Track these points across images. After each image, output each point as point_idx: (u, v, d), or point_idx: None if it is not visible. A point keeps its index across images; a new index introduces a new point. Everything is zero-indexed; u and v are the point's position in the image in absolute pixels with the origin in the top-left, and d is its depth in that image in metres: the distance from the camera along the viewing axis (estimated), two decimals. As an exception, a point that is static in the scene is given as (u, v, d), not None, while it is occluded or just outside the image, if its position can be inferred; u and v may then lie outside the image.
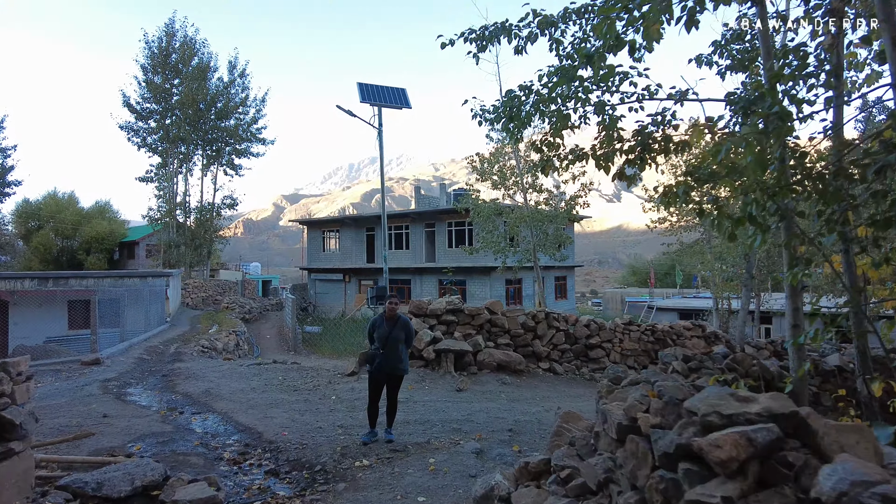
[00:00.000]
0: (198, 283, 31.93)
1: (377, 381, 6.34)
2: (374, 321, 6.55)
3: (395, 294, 6.97)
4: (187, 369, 11.65)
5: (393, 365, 6.32)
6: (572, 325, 11.47)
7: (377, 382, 6.35)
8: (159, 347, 15.17)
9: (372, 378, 6.38)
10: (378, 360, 6.28)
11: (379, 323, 6.42)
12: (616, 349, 11.59)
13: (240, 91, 36.50)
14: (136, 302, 17.09)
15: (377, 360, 6.29)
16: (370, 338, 6.58)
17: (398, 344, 6.35)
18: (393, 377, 6.39)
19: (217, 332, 18.69)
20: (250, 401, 8.53)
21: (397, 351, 6.34)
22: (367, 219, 36.71)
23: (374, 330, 6.41)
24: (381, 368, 6.28)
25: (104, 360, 12.06)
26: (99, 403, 8.21)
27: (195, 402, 8.61)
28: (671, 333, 12.12)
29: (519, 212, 16.11)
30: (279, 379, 10.34)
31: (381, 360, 6.26)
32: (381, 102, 11.68)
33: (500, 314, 10.78)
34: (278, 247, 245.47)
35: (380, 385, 6.37)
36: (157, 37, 33.99)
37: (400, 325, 6.40)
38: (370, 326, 6.56)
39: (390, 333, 6.29)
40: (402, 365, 6.43)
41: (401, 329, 6.39)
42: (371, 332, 6.50)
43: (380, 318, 6.48)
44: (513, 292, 31.56)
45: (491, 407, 8.13)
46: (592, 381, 10.79)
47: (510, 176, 15.92)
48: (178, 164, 34.66)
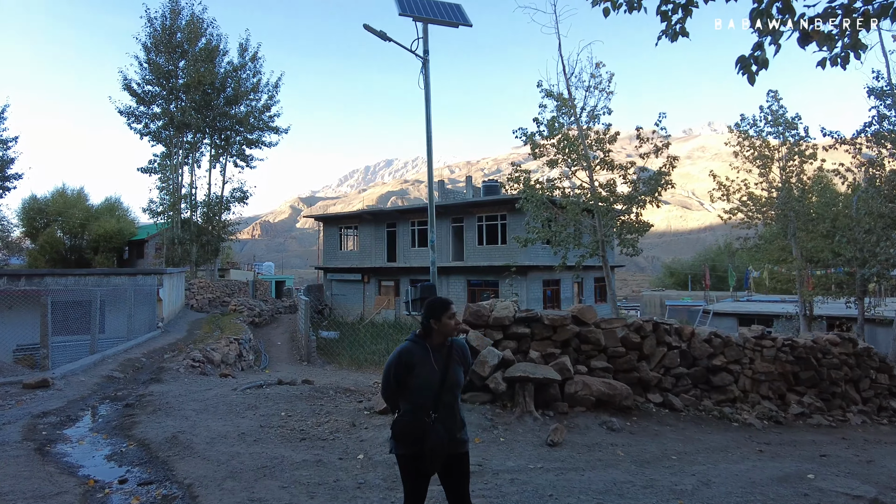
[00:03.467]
0: (204, 283, 29.20)
1: (423, 472, 3.11)
2: (406, 354, 3.18)
3: (446, 300, 3.32)
4: (162, 395, 8.69)
5: (451, 436, 3.15)
6: (687, 341, 8.28)
7: (422, 475, 3.13)
8: (140, 360, 12.27)
9: (411, 467, 3.14)
10: (427, 436, 3.05)
11: (418, 357, 3.15)
12: (746, 372, 8.37)
13: (251, 76, 33.65)
14: (117, 304, 14.24)
15: (426, 436, 3.05)
16: (394, 387, 3.24)
17: (456, 395, 3.24)
18: (456, 460, 3.21)
19: (217, 339, 15.78)
20: (233, 460, 5.52)
21: (455, 409, 3.21)
22: (388, 214, 33.74)
23: (409, 371, 3.14)
24: (435, 450, 3.04)
25: (55, 382, 9.15)
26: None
27: (150, 461, 5.62)
28: (815, 350, 8.87)
29: (585, 194, 12.90)
30: (282, 415, 7.31)
31: (432, 434, 3.04)
32: (427, 16, 8.53)
33: (593, 325, 7.61)
34: (295, 249, 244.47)
35: (427, 478, 3.15)
36: (161, 13, 31.19)
37: (456, 356, 3.23)
38: (397, 364, 3.17)
39: (445, 378, 3.12)
40: (463, 432, 3.27)
41: (458, 364, 3.24)
42: (400, 374, 3.16)
43: (417, 346, 3.18)
44: (550, 294, 28.33)
45: (616, 480, 5.00)
46: (724, 421, 7.58)
47: (575, 147, 12.72)
48: (185, 155, 31.88)
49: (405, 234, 31.80)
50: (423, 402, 3.10)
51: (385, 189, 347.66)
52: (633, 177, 12.56)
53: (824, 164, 16.84)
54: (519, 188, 13.43)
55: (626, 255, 12.99)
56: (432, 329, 3.17)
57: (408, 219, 31.88)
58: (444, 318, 3.17)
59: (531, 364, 6.94)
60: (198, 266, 31.93)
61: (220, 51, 32.79)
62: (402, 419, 3.15)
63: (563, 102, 13.19)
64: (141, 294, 15.34)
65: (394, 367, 3.17)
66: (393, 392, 3.24)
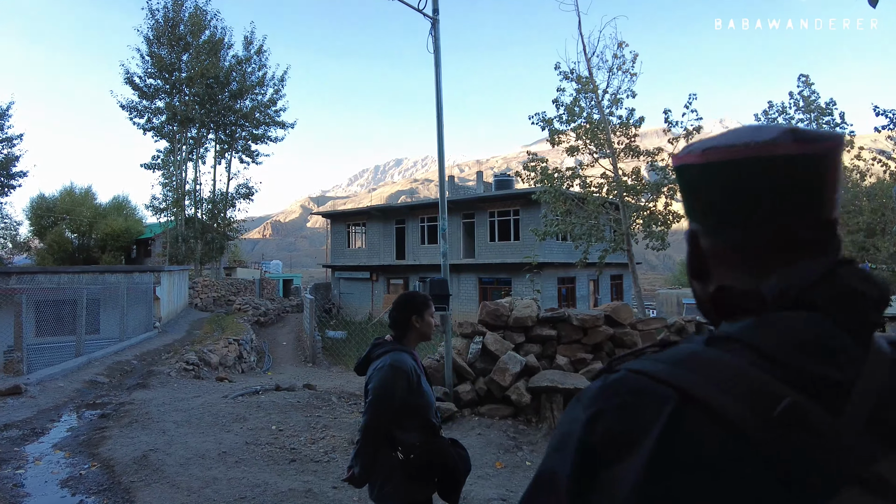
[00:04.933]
0: (208, 281, 28.46)
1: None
2: (412, 373, 2.34)
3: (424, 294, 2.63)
4: (143, 404, 7.82)
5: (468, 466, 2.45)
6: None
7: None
8: (131, 363, 11.45)
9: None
10: (456, 461, 2.35)
11: (417, 371, 2.39)
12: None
13: (256, 69, 32.80)
14: (111, 304, 13.46)
15: (452, 460, 2.34)
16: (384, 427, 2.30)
17: None
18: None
19: (215, 340, 14.95)
20: (207, 487, 4.62)
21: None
22: (397, 210, 32.82)
23: (420, 397, 2.34)
24: (465, 474, 2.39)
25: (29, 388, 8.32)
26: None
27: (110, 487, 4.74)
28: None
29: (609, 183, 11.90)
30: (272, 429, 6.41)
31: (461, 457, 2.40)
32: (438, -32, 7.66)
33: (629, 326, 6.62)
34: (306, 248, 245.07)
35: None
36: (164, 4, 30.33)
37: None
38: (408, 390, 2.30)
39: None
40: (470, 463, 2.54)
41: None
42: (410, 401, 2.31)
43: (408, 356, 2.39)
44: (566, 293, 27.27)
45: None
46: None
47: (596, 134, 11.71)
48: (189, 150, 31.10)
49: (414, 230, 30.89)
50: (432, 422, 2.39)
51: (395, 188, 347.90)
52: (661, 164, 11.51)
53: (863, 153, 15.68)
54: (536, 177, 12.45)
55: (653, 249, 11.95)
56: (412, 329, 2.46)
57: (417, 215, 30.97)
58: (427, 316, 2.48)
59: (559, 372, 5.98)
60: (202, 264, 31.18)
61: (225, 44, 31.96)
62: (419, 450, 2.28)
63: (585, 85, 12.19)
64: (135, 293, 14.54)
65: (399, 396, 2.27)
66: (382, 436, 2.31)
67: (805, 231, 0.62)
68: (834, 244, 0.63)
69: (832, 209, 0.62)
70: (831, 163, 0.62)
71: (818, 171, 0.61)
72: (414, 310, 2.47)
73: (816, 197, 0.61)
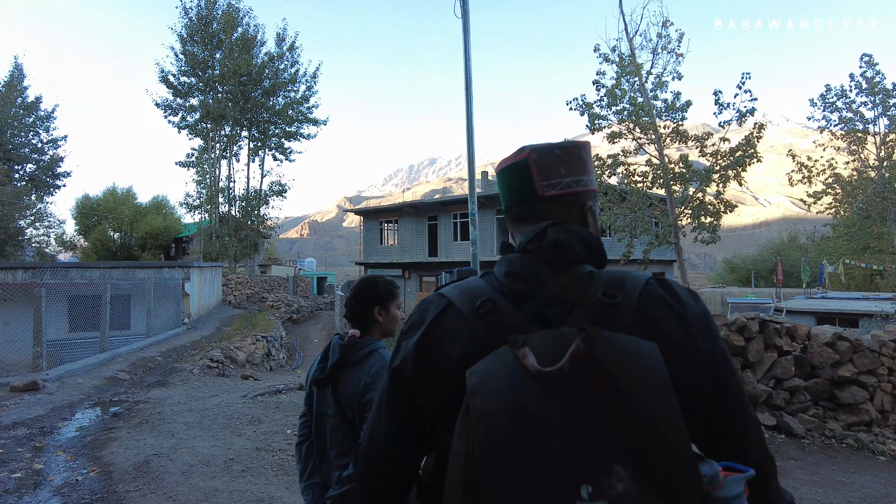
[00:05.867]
0: (242, 278, 28.54)
1: None
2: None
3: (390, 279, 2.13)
4: (158, 403, 7.46)
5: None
6: (803, 345, 6.41)
7: None
8: (155, 360, 11.23)
9: None
10: None
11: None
12: (884, 387, 6.41)
13: (289, 66, 32.78)
14: (142, 299, 13.33)
15: None
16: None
17: None
18: None
19: (243, 337, 14.70)
20: (206, 501, 4.12)
21: None
22: (429, 206, 32.30)
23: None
24: None
25: (47, 384, 8.08)
26: None
27: (104, 497, 4.30)
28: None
29: (656, 170, 11.05)
30: (287, 433, 5.91)
31: None
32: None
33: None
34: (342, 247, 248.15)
35: None
36: (197, 2, 30.61)
37: None
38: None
39: None
40: None
41: None
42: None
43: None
44: (603, 291, 26.24)
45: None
46: (863, 452, 5.69)
47: (639, 117, 10.86)
48: (223, 148, 31.29)
49: (447, 227, 30.32)
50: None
51: (428, 187, 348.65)
52: (711, 149, 10.54)
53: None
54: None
55: (703, 242, 11.01)
56: (374, 323, 1.98)
57: (449, 211, 30.39)
58: (393, 309, 2.05)
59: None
60: (236, 261, 31.33)
61: (257, 41, 32.04)
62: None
63: (627, 66, 11.35)
64: (163, 288, 14.41)
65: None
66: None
67: (526, 206, 0.98)
68: (550, 212, 0.96)
69: (542, 190, 0.96)
70: (532, 165, 0.97)
71: (527, 170, 0.97)
72: (376, 300, 1.95)
73: (529, 185, 0.97)
